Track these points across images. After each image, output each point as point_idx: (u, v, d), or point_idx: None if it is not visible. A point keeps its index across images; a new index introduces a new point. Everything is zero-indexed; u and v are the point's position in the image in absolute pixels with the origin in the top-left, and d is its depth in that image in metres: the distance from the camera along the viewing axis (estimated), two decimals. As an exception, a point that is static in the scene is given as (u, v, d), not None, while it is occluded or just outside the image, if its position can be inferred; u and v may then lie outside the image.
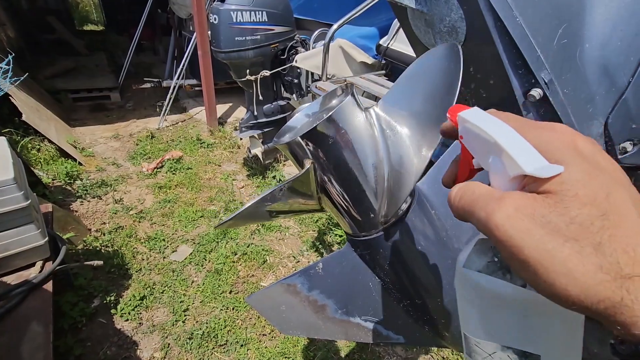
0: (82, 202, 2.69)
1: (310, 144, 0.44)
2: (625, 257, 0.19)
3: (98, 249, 2.23)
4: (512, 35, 0.51)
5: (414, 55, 0.70)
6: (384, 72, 2.34)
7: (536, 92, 0.53)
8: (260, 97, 2.57)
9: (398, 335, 0.61)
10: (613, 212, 0.20)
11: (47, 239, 1.50)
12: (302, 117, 0.50)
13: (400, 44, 2.04)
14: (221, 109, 4.51)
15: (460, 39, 0.50)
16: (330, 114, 0.43)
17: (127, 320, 1.84)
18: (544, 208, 0.21)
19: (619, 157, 0.60)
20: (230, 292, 2.04)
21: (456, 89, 0.38)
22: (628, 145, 0.59)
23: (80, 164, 3.14)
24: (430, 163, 0.50)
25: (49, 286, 1.45)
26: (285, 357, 1.73)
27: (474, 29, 0.49)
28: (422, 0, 0.50)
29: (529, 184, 0.22)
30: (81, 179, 2.95)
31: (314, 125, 0.43)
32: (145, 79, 4.79)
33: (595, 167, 0.22)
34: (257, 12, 2.32)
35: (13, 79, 2.08)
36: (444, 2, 0.48)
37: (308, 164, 0.45)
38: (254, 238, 2.47)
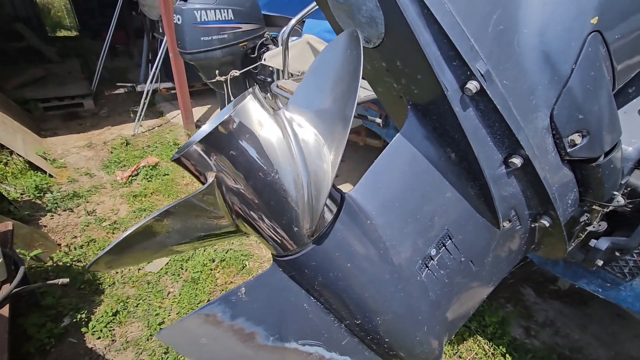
0: (52, 215, 2.59)
1: (211, 151, 0.39)
2: None
3: (68, 264, 2.13)
4: (441, 24, 0.46)
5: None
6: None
7: (472, 85, 0.49)
8: (232, 98, 2.49)
9: (344, 357, 0.57)
10: None
11: (1, 260, 1.42)
12: (208, 128, 0.45)
13: (368, 37, 1.98)
14: (198, 111, 4.40)
15: (381, 30, 0.45)
16: (228, 114, 0.37)
17: (99, 338, 1.77)
18: None
19: (569, 150, 0.56)
20: (207, 302, 1.97)
21: (359, 76, 0.33)
22: (577, 138, 0.55)
23: (51, 176, 3.03)
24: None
25: (5, 311, 1.37)
26: (266, 366, 1.68)
27: (390, 18, 0.44)
28: (336, -12, 0.45)
29: None
30: (52, 192, 2.84)
31: (211, 128, 0.37)
32: (118, 84, 4.65)
33: None
34: (222, 11, 2.24)
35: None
36: (358, -11, 0.43)
37: (211, 177, 0.39)
38: (232, 243, 2.40)
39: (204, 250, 2.30)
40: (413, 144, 0.53)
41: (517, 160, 0.54)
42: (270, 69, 2.59)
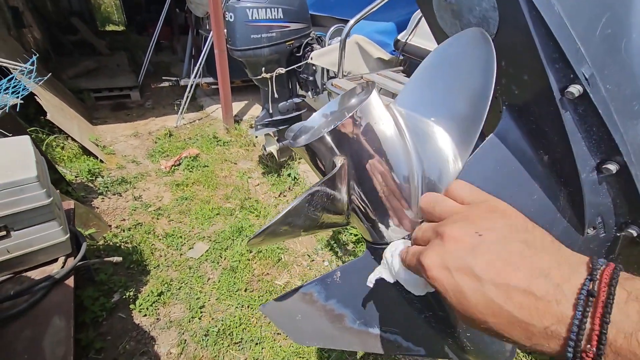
0: (103, 198, 2.76)
1: (339, 140, 0.41)
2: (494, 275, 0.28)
3: (118, 245, 2.28)
4: (548, 25, 0.46)
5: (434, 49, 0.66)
6: (401, 68, 2.27)
7: (575, 89, 0.49)
8: (276, 95, 2.55)
9: (418, 347, 0.58)
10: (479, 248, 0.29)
11: (68, 235, 1.54)
12: (318, 118, 0.47)
13: (419, 39, 1.97)
14: (237, 106, 4.54)
15: (492, 30, 0.46)
16: (358, 108, 0.39)
17: (146, 315, 1.87)
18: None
19: (668, 159, 0.54)
20: (245, 290, 2.04)
21: (492, 84, 0.34)
22: (678, 146, 0.53)
23: (101, 161, 3.23)
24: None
25: (70, 281, 1.49)
26: (300, 357, 1.72)
27: (507, 19, 0.45)
28: (450, -11, 0.46)
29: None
30: (102, 176, 3.03)
31: (340, 121, 0.39)
32: (163, 77, 4.87)
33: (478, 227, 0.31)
34: (272, 9, 2.30)
35: (37, 79, 2.14)
36: (474, -10, 0.44)
37: (340, 161, 0.41)
38: (269, 236, 2.46)
39: (242, 241, 2.38)
40: (506, 144, 0.53)
41: (612, 167, 0.53)
42: (314, 67, 2.63)
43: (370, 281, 0.40)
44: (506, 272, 0.27)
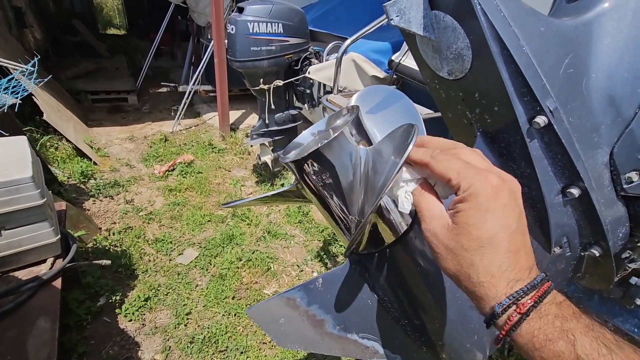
0: (94, 201, 2.76)
1: (298, 169, 0.46)
2: (487, 275, 0.34)
3: (107, 248, 2.27)
4: (518, 63, 0.52)
5: (425, 73, 0.72)
6: (395, 87, 2.35)
7: (541, 120, 0.54)
8: (273, 106, 2.61)
9: (395, 355, 0.61)
10: (489, 246, 0.34)
11: (59, 236, 1.55)
12: (307, 135, 0.52)
13: (411, 60, 2.05)
14: (234, 115, 4.59)
15: (467, 66, 0.51)
16: (317, 146, 0.44)
17: (131, 320, 1.87)
18: (449, 236, 0.36)
19: (625, 186, 0.60)
20: (233, 298, 2.05)
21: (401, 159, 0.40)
22: (634, 175, 0.59)
23: (95, 163, 3.23)
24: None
25: (58, 283, 1.49)
26: (284, 367, 1.72)
27: (479, 57, 0.50)
28: (430, 28, 0.51)
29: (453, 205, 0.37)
30: (95, 179, 3.03)
31: (300, 156, 0.45)
32: (162, 83, 4.92)
33: (493, 215, 0.34)
34: (273, 24, 2.38)
35: (37, 80, 2.16)
36: (451, 31, 0.50)
37: (294, 183, 0.47)
38: (259, 245, 2.48)
39: (232, 249, 2.39)
40: (479, 167, 0.58)
41: (575, 191, 0.58)
42: (311, 81, 2.70)
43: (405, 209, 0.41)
44: (485, 257, 0.34)
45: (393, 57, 2.22)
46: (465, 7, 0.48)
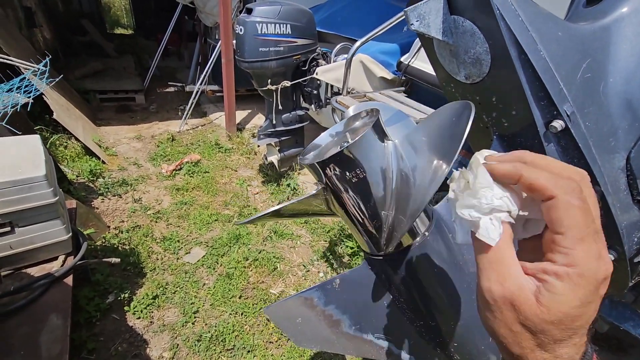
0: (103, 199, 2.79)
1: (325, 170, 0.46)
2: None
3: (115, 246, 2.29)
4: (535, 68, 0.52)
5: (434, 74, 0.72)
6: (403, 88, 2.36)
7: (558, 124, 0.54)
8: (280, 107, 2.62)
9: (409, 355, 0.62)
10: (576, 336, 0.27)
11: (70, 234, 1.57)
12: (326, 137, 0.53)
13: (420, 62, 2.06)
14: (240, 115, 4.61)
15: (484, 70, 0.52)
16: (345, 146, 0.44)
17: (139, 318, 1.88)
18: (531, 311, 0.27)
19: (641, 191, 0.60)
20: (240, 297, 2.06)
21: (459, 142, 0.39)
22: (650, 180, 0.59)
23: (103, 162, 3.26)
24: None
25: (69, 280, 1.51)
26: (291, 367, 1.73)
27: (498, 62, 0.50)
28: (449, 32, 0.52)
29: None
30: (103, 177, 3.06)
31: (326, 156, 0.45)
32: (169, 83, 4.95)
33: (591, 306, 0.27)
34: (281, 25, 2.39)
35: (49, 80, 2.19)
36: (470, 35, 0.50)
37: (318, 187, 0.47)
38: (265, 244, 2.49)
39: (239, 248, 2.40)
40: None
41: (591, 195, 0.59)
42: (318, 82, 2.71)
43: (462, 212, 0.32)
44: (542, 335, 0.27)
45: (402, 59, 2.22)
46: (485, 12, 0.48)
